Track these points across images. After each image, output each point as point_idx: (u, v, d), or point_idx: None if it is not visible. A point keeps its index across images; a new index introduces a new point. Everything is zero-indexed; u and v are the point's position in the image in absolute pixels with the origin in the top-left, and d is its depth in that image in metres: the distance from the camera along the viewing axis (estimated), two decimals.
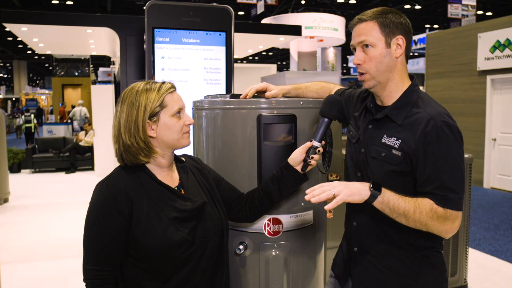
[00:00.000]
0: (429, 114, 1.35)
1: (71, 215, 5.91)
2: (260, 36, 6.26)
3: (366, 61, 1.42)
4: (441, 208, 1.29)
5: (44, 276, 3.92)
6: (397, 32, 1.40)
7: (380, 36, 1.40)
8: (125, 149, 1.34)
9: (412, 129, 1.36)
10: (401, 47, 1.41)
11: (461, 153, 1.35)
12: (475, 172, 7.48)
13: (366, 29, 1.41)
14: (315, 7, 15.74)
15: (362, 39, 1.41)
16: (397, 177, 1.38)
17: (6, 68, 36.48)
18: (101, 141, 8.49)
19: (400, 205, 1.29)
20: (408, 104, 1.41)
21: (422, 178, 1.34)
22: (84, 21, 4.61)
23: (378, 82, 1.44)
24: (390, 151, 1.38)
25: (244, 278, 1.66)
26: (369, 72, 1.43)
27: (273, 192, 1.50)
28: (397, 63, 1.43)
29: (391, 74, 1.43)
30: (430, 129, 1.32)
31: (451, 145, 1.32)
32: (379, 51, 1.40)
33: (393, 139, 1.39)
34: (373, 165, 1.43)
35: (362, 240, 1.51)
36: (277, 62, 29.86)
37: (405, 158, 1.36)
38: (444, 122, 1.33)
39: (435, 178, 1.31)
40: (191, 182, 1.45)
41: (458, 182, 1.32)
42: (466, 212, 3.18)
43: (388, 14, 1.41)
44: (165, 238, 1.29)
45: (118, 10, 17.66)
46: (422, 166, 1.33)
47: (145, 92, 1.34)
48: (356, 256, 1.54)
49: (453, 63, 8.48)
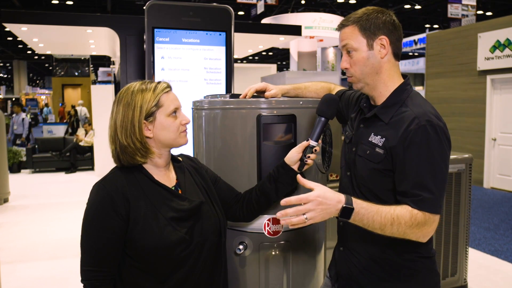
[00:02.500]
0: (414, 113, 1.34)
1: (71, 215, 5.91)
2: (260, 36, 6.26)
3: (352, 65, 1.43)
4: (420, 213, 1.28)
5: (44, 276, 3.92)
6: (379, 33, 1.40)
7: (361, 39, 1.40)
8: (121, 150, 1.33)
9: (396, 127, 1.35)
10: (385, 47, 1.41)
11: (444, 154, 1.32)
12: (475, 172, 7.48)
13: (348, 34, 1.42)
14: (315, 7, 15.75)
15: (345, 43, 1.43)
16: (380, 175, 1.38)
17: (6, 68, 36.49)
18: (101, 141, 8.49)
19: (376, 221, 1.27)
20: (396, 103, 1.41)
21: (400, 177, 1.33)
22: (84, 21, 4.61)
23: (366, 84, 1.45)
24: (374, 149, 1.39)
25: (243, 278, 1.66)
26: (354, 75, 1.44)
27: (269, 191, 1.50)
28: (383, 64, 1.42)
29: (377, 75, 1.43)
30: (413, 128, 1.31)
31: (433, 145, 1.30)
32: (362, 54, 1.41)
33: (378, 137, 1.39)
34: (359, 163, 1.44)
35: (347, 240, 1.53)
36: (277, 62, 29.87)
37: (386, 156, 1.35)
38: (428, 122, 1.31)
39: (413, 176, 1.30)
40: (188, 182, 1.45)
41: (437, 183, 1.30)
42: (466, 212, 3.18)
43: (370, 16, 1.40)
44: (163, 238, 1.29)
45: (118, 10, 17.66)
46: (401, 164, 1.32)
47: (141, 92, 1.34)
48: (341, 256, 1.56)
49: (453, 63, 8.48)
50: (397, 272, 1.43)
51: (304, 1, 15.99)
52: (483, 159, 7.87)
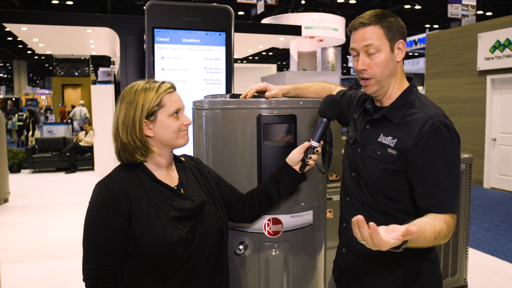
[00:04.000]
0: (427, 115, 1.35)
1: (71, 215, 5.91)
2: (260, 36, 6.25)
3: (372, 66, 1.39)
4: (448, 217, 1.28)
5: (44, 276, 3.92)
6: (399, 36, 1.40)
7: (386, 41, 1.38)
8: (122, 147, 1.34)
9: (409, 129, 1.36)
10: (402, 51, 1.41)
11: (458, 154, 1.35)
12: (475, 172, 7.48)
13: (372, 34, 1.38)
14: (315, 7, 15.74)
15: (368, 43, 1.38)
16: (391, 176, 1.38)
17: (6, 68, 36.47)
18: (101, 141, 8.49)
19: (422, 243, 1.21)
20: (406, 105, 1.41)
21: (418, 178, 1.33)
22: (84, 21, 4.60)
23: (382, 87, 1.43)
24: (386, 149, 1.39)
25: (244, 278, 1.66)
26: (375, 77, 1.40)
27: (271, 192, 1.50)
28: (398, 67, 1.43)
29: (393, 78, 1.43)
30: (427, 129, 1.32)
31: (449, 145, 1.32)
32: (384, 56, 1.39)
33: (389, 138, 1.39)
34: (368, 164, 1.44)
35: (349, 242, 1.52)
36: (277, 62, 29.86)
37: (400, 157, 1.36)
38: (442, 123, 1.33)
39: (432, 177, 1.31)
40: (190, 181, 1.45)
41: (453, 182, 1.32)
42: (466, 212, 3.18)
43: (389, 18, 1.40)
44: (165, 237, 1.29)
45: (118, 10, 17.65)
46: (418, 166, 1.33)
47: (144, 91, 1.34)
48: (343, 257, 1.56)
49: (453, 63, 8.48)
50: (400, 274, 1.42)
51: (304, 1, 15.98)
52: (483, 159, 7.87)
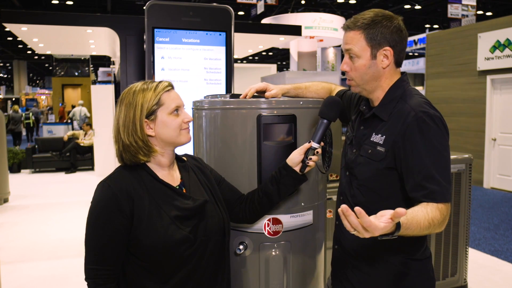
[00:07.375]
0: (410, 106, 1.34)
1: (71, 215, 5.91)
2: (260, 36, 6.25)
3: (352, 69, 1.42)
4: (441, 205, 1.26)
5: (44, 276, 3.92)
6: (385, 44, 1.38)
7: (366, 47, 1.38)
8: (124, 148, 1.34)
9: (395, 123, 1.36)
10: (388, 58, 1.39)
11: (444, 142, 1.32)
12: (475, 172, 7.48)
13: (353, 39, 1.40)
14: (315, 7, 15.72)
15: (348, 47, 1.41)
16: (383, 175, 1.38)
17: (6, 68, 36.48)
18: (101, 141, 8.48)
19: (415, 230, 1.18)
20: (393, 100, 1.41)
21: (406, 171, 1.32)
22: (84, 21, 4.60)
23: (364, 89, 1.45)
24: (375, 148, 1.39)
25: (244, 278, 1.66)
26: (354, 80, 1.45)
27: (272, 192, 1.50)
28: (383, 72, 1.42)
29: (377, 82, 1.43)
30: (410, 120, 1.31)
31: (433, 134, 1.30)
32: (363, 62, 1.39)
33: (379, 136, 1.39)
34: (361, 163, 1.44)
35: (341, 238, 1.54)
36: (277, 62, 29.86)
37: (387, 154, 1.35)
38: (424, 112, 1.31)
39: (418, 169, 1.29)
40: (192, 181, 1.46)
41: (442, 171, 1.29)
42: (466, 212, 3.18)
43: (378, 24, 1.37)
44: (167, 237, 1.29)
45: (118, 10, 17.66)
46: (405, 158, 1.32)
47: (142, 91, 1.35)
48: (336, 254, 1.57)
49: (453, 63, 8.48)
50: (387, 273, 1.42)
51: (304, 1, 15.97)
52: (483, 159, 7.87)
